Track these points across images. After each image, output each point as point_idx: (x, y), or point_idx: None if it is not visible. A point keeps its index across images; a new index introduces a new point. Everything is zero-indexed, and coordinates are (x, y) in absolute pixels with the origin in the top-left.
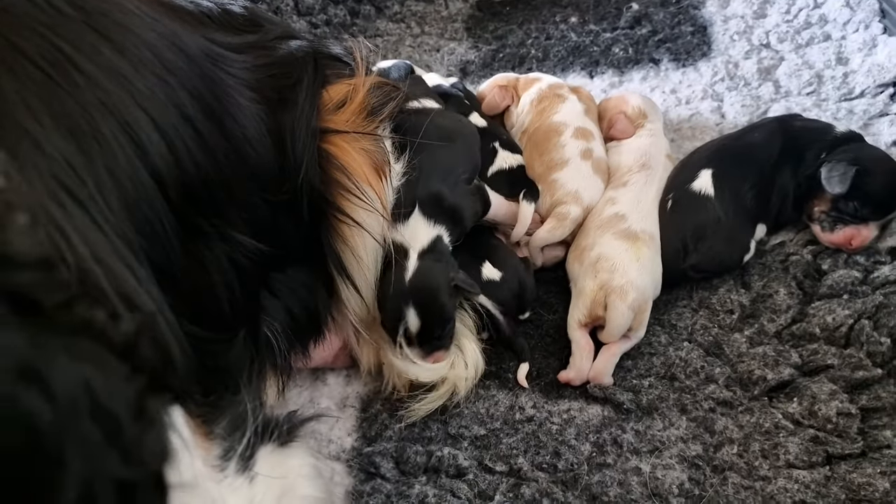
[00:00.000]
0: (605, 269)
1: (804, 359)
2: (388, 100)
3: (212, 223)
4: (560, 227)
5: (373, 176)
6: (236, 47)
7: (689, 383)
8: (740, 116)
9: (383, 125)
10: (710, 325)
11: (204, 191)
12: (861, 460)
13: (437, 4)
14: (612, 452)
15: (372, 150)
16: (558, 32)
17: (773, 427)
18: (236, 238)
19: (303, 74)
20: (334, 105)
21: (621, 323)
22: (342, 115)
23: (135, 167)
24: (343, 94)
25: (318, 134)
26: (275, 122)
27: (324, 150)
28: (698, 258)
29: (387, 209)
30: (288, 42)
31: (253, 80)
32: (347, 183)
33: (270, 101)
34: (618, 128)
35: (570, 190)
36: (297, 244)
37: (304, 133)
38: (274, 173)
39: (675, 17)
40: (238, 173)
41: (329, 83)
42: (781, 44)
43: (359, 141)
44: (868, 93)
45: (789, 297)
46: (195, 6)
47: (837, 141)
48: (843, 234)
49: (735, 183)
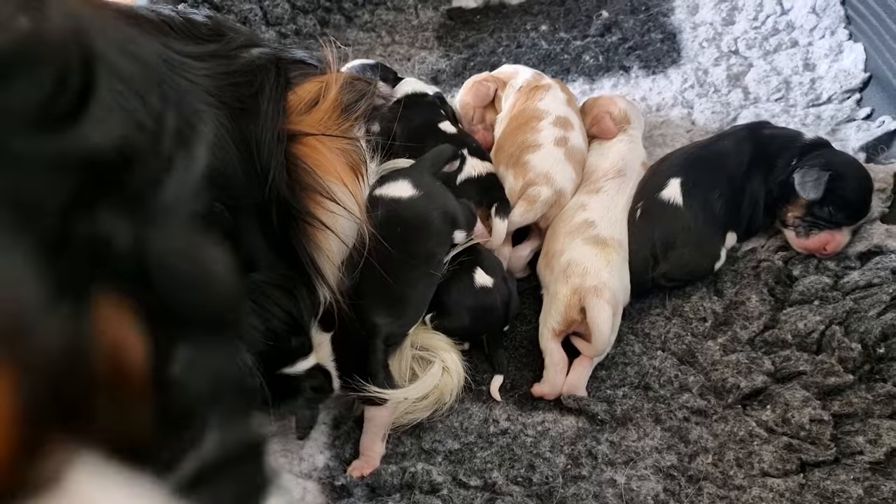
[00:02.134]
0: (577, 273)
1: (777, 366)
2: (361, 96)
3: None
4: (531, 209)
5: (348, 176)
6: (197, 56)
7: (663, 392)
8: (710, 123)
9: (358, 123)
10: (684, 333)
11: None
12: (834, 467)
13: (407, 13)
14: (587, 464)
15: (348, 149)
16: (529, 40)
17: (747, 435)
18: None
19: (265, 81)
20: (306, 105)
21: (605, 319)
22: (315, 114)
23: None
24: (314, 93)
25: (287, 138)
26: (238, 130)
27: (293, 154)
28: (668, 267)
29: (362, 209)
30: (249, 50)
31: (213, 87)
32: (318, 186)
33: (232, 108)
34: (601, 126)
35: (542, 171)
36: (266, 250)
37: (270, 139)
38: (237, 179)
39: (644, 25)
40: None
41: (296, 85)
42: (750, 50)
43: (332, 141)
44: (835, 98)
45: (761, 304)
46: (156, 15)
47: (807, 147)
48: (819, 240)
49: (704, 191)
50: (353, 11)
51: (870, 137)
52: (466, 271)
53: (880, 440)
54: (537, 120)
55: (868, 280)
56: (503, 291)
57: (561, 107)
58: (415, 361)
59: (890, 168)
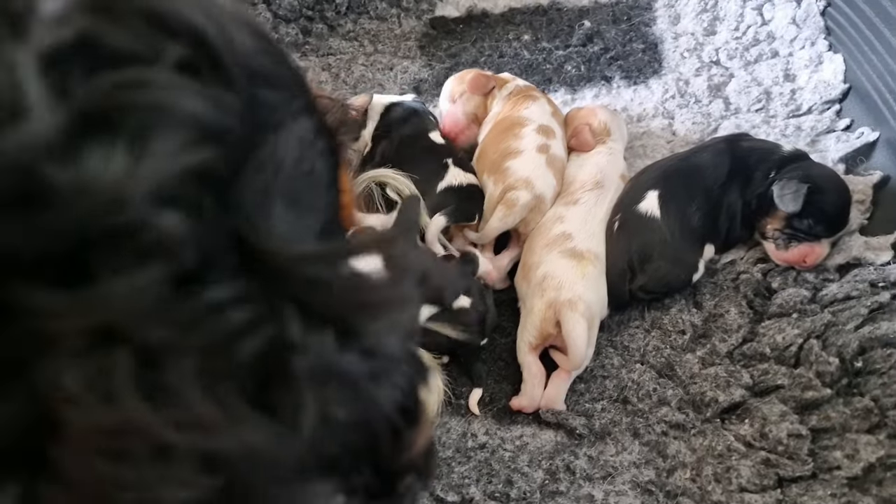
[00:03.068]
0: (552, 287)
1: (755, 379)
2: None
3: None
4: (510, 213)
5: None
6: None
7: (641, 406)
8: (691, 134)
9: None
10: (663, 345)
11: None
12: (812, 482)
13: (390, 22)
14: (565, 479)
15: None
16: (511, 50)
17: (725, 450)
18: None
19: None
20: None
21: (580, 332)
22: None
23: None
24: None
25: None
26: None
27: None
28: (645, 279)
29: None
30: None
31: None
32: None
33: None
34: (580, 139)
35: (522, 176)
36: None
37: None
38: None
39: (626, 35)
40: None
41: None
42: (731, 60)
43: None
44: (815, 109)
45: (740, 317)
46: None
47: (785, 160)
48: (798, 252)
49: (681, 204)
50: (335, 20)
51: (849, 149)
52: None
53: (858, 455)
54: (520, 126)
55: (846, 293)
56: (480, 308)
57: (545, 116)
58: None
59: (869, 179)
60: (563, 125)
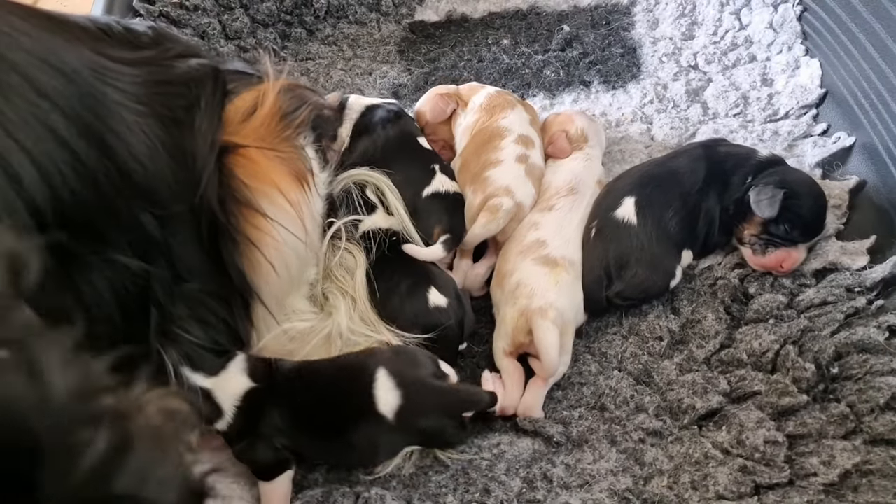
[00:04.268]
0: (524, 294)
1: (732, 385)
2: (301, 103)
3: (93, 250)
4: (493, 220)
5: (290, 185)
6: (129, 61)
7: (619, 413)
8: (669, 139)
9: (302, 131)
10: (640, 352)
11: (82, 217)
12: (788, 489)
13: (369, 27)
14: (543, 488)
15: (290, 157)
16: (491, 55)
17: (702, 457)
18: (121, 261)
19: (201, 92)
20: (243, 114)
21: (551, 340)
22: (252, 122)
23: (10, 202)
24: (251, 102)
25: (221, 150)
26: (171, 139)
27: (227, 166)
28: (622, 286)
29: (305, 220)
30: (187, 60)
31: (143, 94)
32: (251, 200)
33: (163, 117)
34: (556, 146)
35: (502, 185)
36: (200, 260)
37: (203, 150)
38: (168, 189)
39: (605, 39)
40: (122, 193)
41: (234, 95)
42: (709, 65)
43: (273, 149)
44: (792, 114)
45: (717, 323)
46: (93, 23)
47: (762, 165)
48: (775, 257)
49: (658, 210)
50: (314, 25)
51: (826, 153)
52: (420, 291)
53: (834, 461)
54: (500, 138)
55: (823, 298)
56: (457, 311)
57: (524, 125)
58: None
59: (845, 184)
60: (541, 133)
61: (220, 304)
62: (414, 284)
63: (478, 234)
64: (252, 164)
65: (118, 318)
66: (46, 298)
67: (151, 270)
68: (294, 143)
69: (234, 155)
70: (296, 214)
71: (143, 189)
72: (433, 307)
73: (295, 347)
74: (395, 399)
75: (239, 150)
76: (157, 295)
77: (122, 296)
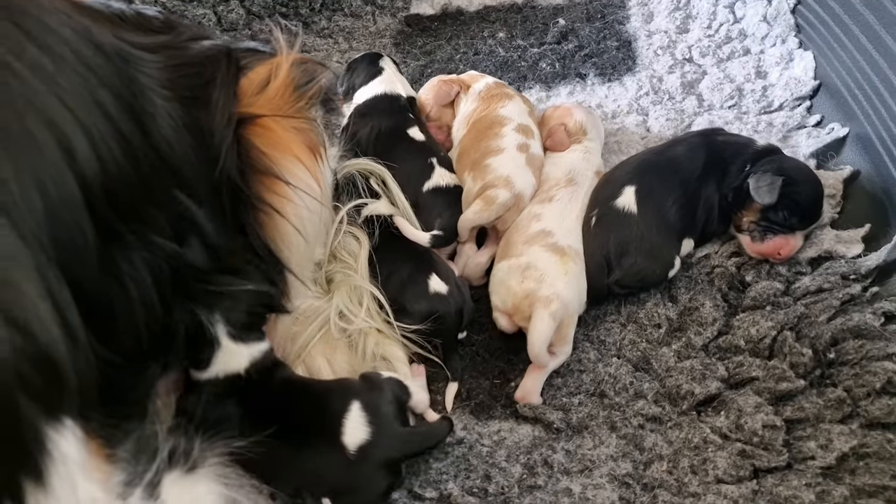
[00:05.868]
0: (534, 277)
1: (730, 371)
2: (312, 77)
3: (132, 229)
4: (487, 209)
5: (306, 155)
6: (148, 47)
7: (618, 400)
8: (665, 130)
9: (314, 103)
10: (639, 339)
11: (125, 194)
12: (787, 473)
13: (365, 19)
14: (543, 473)
15: (304, 128)
16: (486, 48)
17: (701, 442)
18: (157, 242)
19: (216, 71)
20: (257, 86)
21: (543, 331)
22: (266, 94)
23: (62, 172)
24: (265, 75)
25: (238, 122)
26: (191, 119)
27: (245, 137)
28: (621, 274)
29: (322, 188)
30: (200, 42)
31: (166, 79)
32: (272, 169)
33: (184, 99)
34: (554, 139)
35: (502, 174)
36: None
37: (221, 124)
38: (194, 171)
39: (600, 32)
40: (158, 172)
41: (248, 69)
42: (703, 58)
43: (288, 120)
44: (786, 106)
45: (715, 310)
46: (106, 7)
47: (759, 154)
48: (773, 244)
49: (658, 199)
50: (309, 17)
51: (820, 144)
52: (421, 277)
53: (831, 445)
54: (500, 126)
55: (818, 285)
56: (457, 298)
57: (523, 115)
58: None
59: (840, 174)
60: (538, 126)
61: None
62: (415, 270)
63: (469, 219)
64: (269, 134)
65: (155, 298)
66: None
67: (182, 251)
68: (307, 115)
69: (251, 125)
70: (314, 181)
71: (174, 171)
72: (433, 293)
73: (298, 330)
74: (363, 435)
75: (256, 121)
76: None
77: (159, 277)
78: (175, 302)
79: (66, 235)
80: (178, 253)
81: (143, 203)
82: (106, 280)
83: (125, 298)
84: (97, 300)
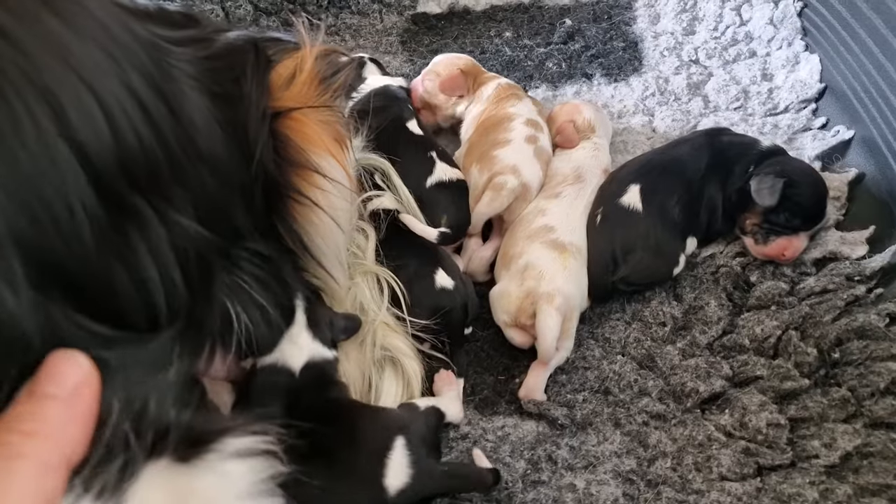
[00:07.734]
0: (533, 276)
1: (735, 370)
2: (338, 69)
3: (153, 205)
4: (497, 197)
5: (335, 147)
6: (177, 40)
7: (622, 397)
8: (671, 131)
9: (339, 95)
10: (644, 337)
11: (146, 166)
12: (791, 471)
13: (371, 17)
14: (547, 469)
15: (331, 120)
16: (493, 47)
17: (705, 439)
18: (181, 223)
19: (245, 63)
20: (285, 80)
21: (551, 327)
22: (294, 88)
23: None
24: (291, 68)
25: (271, 116)
26: (222, 114)
27: (279, 131)
28: (627, 271)
29: (352, 180)
30: (225, 34)
31: (195, 72)
32: (306, 161)
33: (215, 93)
34: (564, 135)
35: (509, 163)
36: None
37: (255, 119)
38: (224, 164)
39: (607, 33)
40: (188, 154)
41: (275, 62)
42: (710, 60)
43: (316, 113)
44: (792, 108)
45: (720, 309)
46: (131, 2)
47: (764, 155)
48: (777, 246)
49: (663, 197)
50: (316, 14)
51: (825, 146)
52: (428, 272)
53: (835, 444)
54: (509, 120)
55: (823, 286)
56: (462, 293)
57: (532, 112)
58: (377, 364)
59: (844, 176)
60: (546, 125)
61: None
62: (422, 265)
63: (483, 212)
64: (301, 127)
65: (179, 279)
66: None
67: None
68: (334, 107)
69: (283, 119)
70: (345, 173)
71: (205, 156)
72: (440, 288)
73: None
74: (406, 479)
75: (287, 115)
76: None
77: (183, 259)
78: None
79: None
80: (202, 237)
81: (168, 180)
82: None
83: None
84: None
